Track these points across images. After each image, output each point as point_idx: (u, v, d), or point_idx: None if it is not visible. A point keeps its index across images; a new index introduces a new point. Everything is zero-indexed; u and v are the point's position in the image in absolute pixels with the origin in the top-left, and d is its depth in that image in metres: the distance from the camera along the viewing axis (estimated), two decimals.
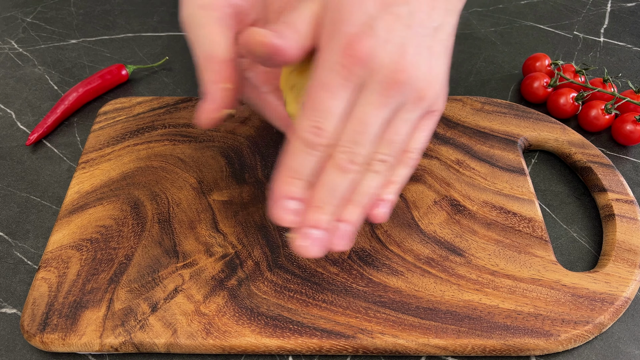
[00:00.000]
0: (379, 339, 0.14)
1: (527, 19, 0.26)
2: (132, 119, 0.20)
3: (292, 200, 0.11)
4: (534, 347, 0.14)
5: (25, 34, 0.25)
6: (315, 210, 0.11)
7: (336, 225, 0.12)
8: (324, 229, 0.12)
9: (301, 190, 0.11)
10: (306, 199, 0.12)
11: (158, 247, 0.16)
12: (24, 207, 0.18)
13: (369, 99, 0.11)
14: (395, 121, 0.11)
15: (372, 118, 0.11)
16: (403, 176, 0.12)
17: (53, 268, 0.16)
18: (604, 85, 0.21)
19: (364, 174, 0.12)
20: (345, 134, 0.11)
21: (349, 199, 0.12)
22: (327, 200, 0.11)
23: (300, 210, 0.11)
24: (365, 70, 0.10)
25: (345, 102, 0.11)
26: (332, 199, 0.11)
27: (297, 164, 0.11)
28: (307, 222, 0.11)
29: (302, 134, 0.11)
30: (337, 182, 0.11)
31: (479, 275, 0.15)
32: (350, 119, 0.11)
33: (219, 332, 0.14)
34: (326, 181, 0.11)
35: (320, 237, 0.11)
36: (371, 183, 0.12)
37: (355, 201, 0.12)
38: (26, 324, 0.14)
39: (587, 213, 0.18)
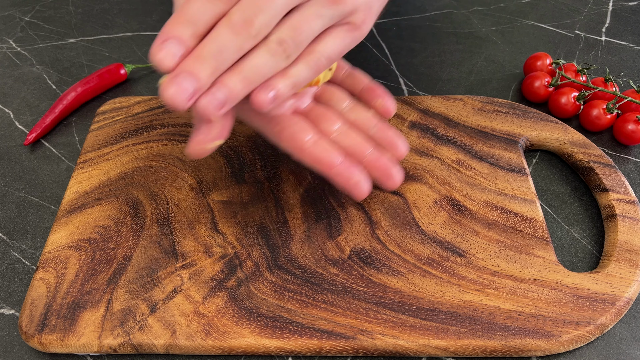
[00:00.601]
0: (379, 339, 0.14)
1: (528, 18, 0.26)
2: (130, 119, 0.20)
3: (177, 42, 0.10)
4: (535, 348, 0.14)
5: (24, 33, 0.25)
6: (195, 59, 0.11)
7: (213, 86, 0.11)
8: (199, 82, 0.11)
9: (188, 37, 0.11)
10: (190, 50, 0.11)
11: (157, 247, 0.16)
12: (22, 207, 0.18)
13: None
14: (305, 9, 0.11)
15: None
16: (302, 76, 0.11)
17: (51, 269, 0.15)
18: (606, 84, 0.21)
19: (256, 48, 0.11)
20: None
21: (233, 67, 0.11)
22: (210, 54, 0.11)
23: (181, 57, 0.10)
24: None
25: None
26: (216, 55, 0.11)
27: (193, 9, 0.11)
28: (183, 67, 0.11)
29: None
30: (225, 41, 0.10)
31: (479, 276, 0.15)
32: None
33: (219, 333, 0.14)
34: (214, 36, 0.11)
35: (190, 88, 0.10)
36: (262, 59, 0.11)
37: (240, 70, 0.11)
38: (24, 324, 0.14)
39: (588, 213, 0.18)
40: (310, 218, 0.17)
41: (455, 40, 0.24)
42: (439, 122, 0.20)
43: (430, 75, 0.23)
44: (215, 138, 0.12)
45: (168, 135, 0.19)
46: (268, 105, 0.11)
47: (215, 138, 0.12)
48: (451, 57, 0.23)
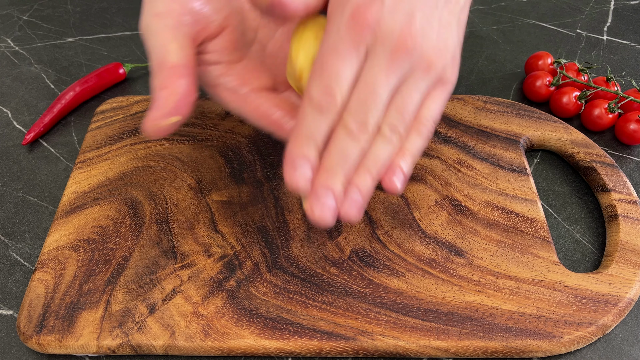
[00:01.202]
0: (379, 340, 0.14)
1: (530, 17, 0.26)
2: (129, 118, 0.20)
3: (306, 162, 0.11)
4: (537, 349, 0.14)
5: (22, 32, 0.25)
6: (327, 174, 0.11)
7: (348, 191, 0.12)
8: (336, 194, 0.11)
9: (314, 154, 0.11)
10: (317, 166, 0.11)
11: (156, 247, 0.16)
12: (20, 207, 0.18)
13: (377, 64, 0.11)
14: (404, 88, 0.11)
15: (380, 82, 0.11)
16: (417, 146, 0.12)
17: (50, 269, 0.15)
18: (607, 84, 0.21)
19: (374, 142, 0.12)
20: (354, 99, 0.11)
21: (359, 167, 0.12)
22: (337, 164, 0.11)
23: (312, 177, 0.11)
24: (372, 35, 0.11)
25: (354, 67, 0.11)
26: (342, 163, 0.11)
27: (309, 127, 0.11)
28: (319, 185, 0.11)
29: (313, 97, 0.11)
30: (347, 147, 0.11)
31: (480, 277, 0.15)
32: (359, 84, 0.11)
33: (218, 333, 0.14)
34: (336, 146, 0.11)
35: (332, 203, 0.12)
36: (382, 150, 0.12)
37: (366, 168, 0.12)
38: (22, 325, 0.14)
39: (590, 213, 0.18)
40: None
41: None
42: (439, 122, 0.20)
43: None
44: (171, 113, 0.12)
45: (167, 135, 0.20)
46: (402, 188, 0.12)
47: (172, 113, 0.12)
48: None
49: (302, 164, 0.11)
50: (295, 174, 0.11)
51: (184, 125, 0.20)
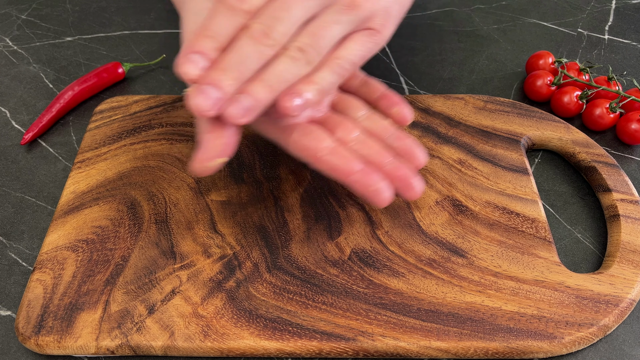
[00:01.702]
0: (379, 341, 0.14)
1: (531, 16, 0.26)
2: (128, 118, 0.20)
3: (202, 56, 0.11)
4: (538, 349, 0.14)
5: (20, 32, 0.25)
6: (218, 70, 0.11)
7: (237, 95, 0.11)
8: (222, 91, 0.11)
9: (211, 50, 0.11)
10: (214, 61, 0.11)
11: (155, 248, 0.16)
12: (18, 207, 0.18)
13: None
14: (321, 16, 0.11)
15: (296, 2, 0.11)
16: (326, 80, 0.12)
17: (48, 269, 0.15)
18: (609, 83, 0.21)
19: (278, 58, 0.11)
20: (265, 8, 0.11)
21: (256, 76, 0.11)
22: (233, 65, 0.11)
23: (205, 69, 0.11)
24: None
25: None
26: (238, 66, 0.11)
27: (214, 24, 0.11)
28: (207, 78, 0.11)
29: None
30: (247, 51, 0.11)
31: (481, 277, 0.15)
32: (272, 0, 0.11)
33: (217, 334, 0.14)
34: (236, 47, 0.11)
35: (216, 97, 0.11)
36: (284, 67, 0.11)
37: (263, 79, 0.11)
38: (21, 326, 0.14)
39: (591, 213, 0.18)
40: (310, 218, 0.17)
41: (456, 39, 0.24)
42: (440, 122, 0.20)
43: (431, 74, 0.22)
44: (219, 155, 0.12)
45: (166, 135, 0.19)
46: (295, 111, 0.12)
47: (219, 155, 0.12)
48: (452, 56, 0.23)
49: (197, 57, 0.11)
50: (187, 63, 0.11)
51: (183, 125, 0.20)
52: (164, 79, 0.23)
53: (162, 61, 0.23)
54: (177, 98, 0.21)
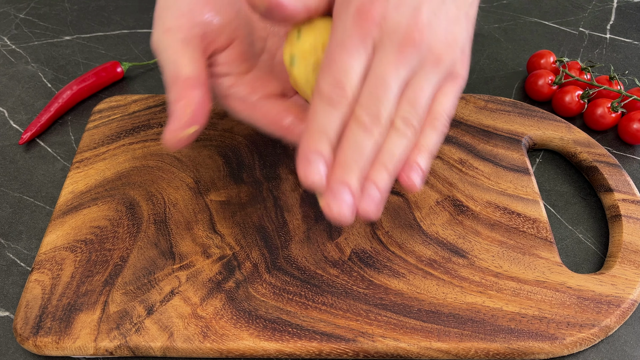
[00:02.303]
0: (380, 342, 0.14)
1: (532, 15, 0.25)
2: (127, 118, 0.20)
3: (319, 157, 0.11)
4: (539, 350, 0.14)
5: (18, 31, 0.25)
6: (342, 169, 0.11)
7: (365, 187, 0.12)
8: (353, 190, 0.11)
9: (327, 149, 0.11)
10: (332, 161, 0.11)
11: (154, 248, 0.16)
12: (16, 207, 0.18)
13: (385, 57, 0.11)
14: (414, 81, 0.11)
15: (390, 74, 0.11)
16: (432, 141, 0.12)
17: (46, 270, 0.15)
18: (610, 82, 0.21)
19: (388, 136, 0.12)
20: (364, 92, 0.11)
21: (375, 162, 0.12)
22: (352, 159, 0.11)
23: (327, 173, 0.11)
24: (379, 30, 0.11)
25: (362, 61, 0.11)
26: (357, 158, 0.11)
27: (321, 122, 0.11)
28: (335, 180, 0.11)
29: (323, 91, 0.11)
30: (361, 141, 0.11)
31: (482, 277, 0.15)
32: (369, 78, 0.11)
33: (217, 335, 0.14)
34: (349, 140, 0.11)
35: (349, 198, 0.11)
36: (396, 144, 0.12)
37: (382, 163, 0.12)
38: (19, 327, 0.14)
39: (592, 213, 0.17)
40: (309, 218, 0.16)
41: None
42: None
43: None
44: (190, 123, 0.12)
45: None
46: (420, 185, 0.12)
47: (191, 123, 0.12)
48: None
49: (315, 159, 0.11)
50: (310, 170, 0.11)
51: None
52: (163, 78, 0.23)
53: None
54: None
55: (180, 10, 0.12)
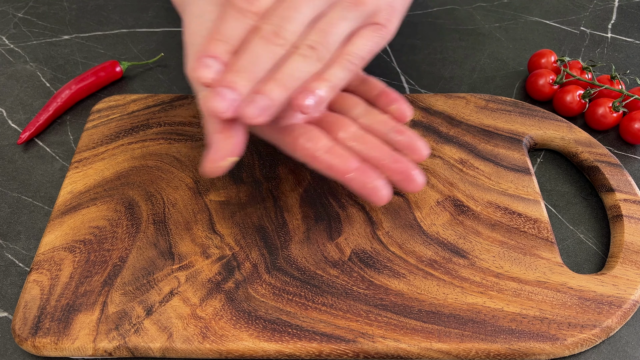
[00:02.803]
0: (380, 343, 0.14)
1: (533, 14, 0.25)
2: (126, 117, 0.20)
3: (215, 60, 0.11)
4: (540, 351, 0.14)
5: (17, 30, 0.25)
6: (232, 73, 0.11)
7: (252, 95, 0.11)
8: (237, 92, 0.11)
9: (224, 53, 0.11)
10: (227, 64, 0.12)
11: (153, 248, 0.16)
12: (15, 207, 0.18)
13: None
14: (329, 14, 0.12)
15: (304, 1, 0.11)
16: (338, 77, 0.12)
17: (45, 270, 0.15)
18: (612, 82, 0.20)
19: (289, 57, 0.12)
20: (273, 9, 0.11)
21: (269, 76, 0.12)
22: (247, 67, 0.11)
23: (220, 72, 0.11)
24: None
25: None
26: (252, 67, 0.11)
27: (225, 27, 0.11)
28: (223, 81, 0.11)
29: (235, 2, 0.11)
30: (260, 52, 0.11)
31: (483, 278, 0.15)
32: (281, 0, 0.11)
33: (216, 336, 0.14)
34: (248, 49, 0.11)
35: (232, 99, 0.11)
36: (296, 65, 0.12)
37: (278, 79, 0.11)
38: (18, 327, 0.14)
39: (594, 214, 0.17)
40: (309, 219, 0.16)
41: (457, 37, 0.24)
42: (441, 121, 0.19)
43: (432, 72, 0.22)
44: (229, 155, 0.12)
45: (164, 134, 0.19)
46: (309, 108, 0.12)
47: (229, 155, 0.12)
48: (454, 54, 0.23)
49: (211, 61, 0.11)
50: (202, 68, 0.11)
51: (181, 125, 0.19)
52: (162, 77, 0.23)
53: (160, 60, 0.23)
54: (175, 97, 0.21)
55: None
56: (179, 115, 0.20)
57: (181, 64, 0.23)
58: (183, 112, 0.20)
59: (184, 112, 0.20)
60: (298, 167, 0.18)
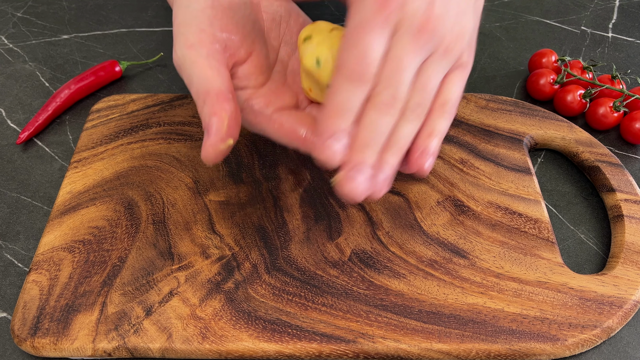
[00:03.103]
0: (380, 343, 0.14)
1: (533, 13, 0.25)
2: (125, 117, 0.20)
3: (343, 135, 0.12)
4: (540, 352, 0.14)
5: (16, 29, 0.25)
6: (360, 150, 0.12)
7: (379, 168, 0.12)
8: (368, 170, 0.12)
9: (349, 126, 0.12)
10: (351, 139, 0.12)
11: (153, 249, 0.16)
12: (14, 207, 0.18)
13: (404, 41, 0.11)
14: (425, 69, 0.12)
15: (408, 59, 0.12)
16: (441, 126, 0.13)
17: (44, 270, 0.15)
18: (613, 82, 0.20)
19: (401, 121, 0.12)
20: (385, 73, 0.12)
21: (388, 144, 0.12)
22: (370, 140, 0.12)
23: (347, 150, 0.12)
24: (398, 15, 0.11)
25: (382, 42, 0.11)
26: (375, 139, 0.12)
27: (343, 98, 0.12)
28: (353, 161, 0.12)
29: (346, 68, 0.11)
30: (379, 122, 0.12)
31: (483, 278, 0.15)
32: (388, 59, 0.12)
33: (216, 336, 0.14)
34: (368, 121, 0.12)
35: (366, 178, 0.12)
36: (407, 128, 0.12)
37: (394, 146, 0.12)
38: (17, 328, 0.14)
39: (595, 214, 0.17)
40: (309, 219, 0.16)
41: None
42: None
43: None
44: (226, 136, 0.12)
45: (164, 134, 0.19)
46: (429, 168, 0.13)
47: (227, 136, 0.12)
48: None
49: (339, 137, 0.12)
50: (332, 149, 0.12)
51: (181, 124, 0.19)
52: (161, 77, 0.23)
53: (160, 59, 0.23)
54: (175, 97, 0.20)
55: (200, 25, 0.13)
56: (179, 115, 0.20)
57: None
58: (182, 112, 0.20)
59: (183, 111, 0.20)
60: (298, 167, 0.18)
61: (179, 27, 0.13)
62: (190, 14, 0.13)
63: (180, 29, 0.13)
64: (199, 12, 0.13)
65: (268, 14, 0.14)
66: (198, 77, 0.12)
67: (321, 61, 0.13)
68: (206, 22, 0.13)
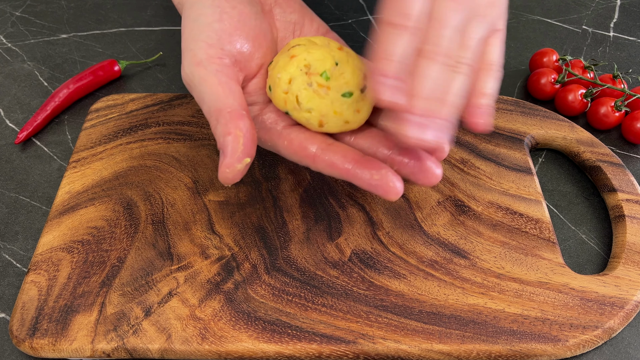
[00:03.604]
0: (380, 344, 0.14)
1: (534, 12, 0.25)
2: (124, 117, 0.20)
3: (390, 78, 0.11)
4: (541, 352, 0.14)
5: (14, 29, 0.24)
6: (412, 97, 0.11)
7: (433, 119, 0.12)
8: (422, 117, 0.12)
9: (396, 71, 0.12)
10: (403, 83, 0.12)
11: (152, 249, 0.16)
12: (12, 207, 0.18)
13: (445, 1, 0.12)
14: (466, 29, 0.12)
15: (450, 17, 0.12)
16: (494, 88, 0.13)
17: (43, 271, 0.15)
18: (614, 81, 0.20)
19: (451, 73, 0.12)
20: (429, 30, 0.12)
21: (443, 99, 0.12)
22: (424, 88, 0.11)
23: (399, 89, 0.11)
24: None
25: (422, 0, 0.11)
26: (428, 86, 0.11)
27: (389, 45, 0.11)
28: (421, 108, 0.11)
29: (389, 18, 0.11)
30: (430, 70, 0.11)
31: (484, 279, 0.15)
32: (432, 16, 0.12)
33: (215, 337, 0.14)
34: (420, 70, 0.12)
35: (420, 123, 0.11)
36: (459, 81, 0.12)
37: (447, 100, 0.12)
38: (15, 328, 0.14)
39: (596, 214, 0.17)
40: (309, 219, 0.16)
41: None
42: None
43: None
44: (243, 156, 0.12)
45: (163, 134, 0.19)
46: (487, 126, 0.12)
47: (244, 156, 0.12)
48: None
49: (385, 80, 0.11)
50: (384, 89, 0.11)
51: (180, 124, 0.19)
52: (160, 76, 0.22)
53: (159, 59, 0.23)
54: (174, 96, 0.20)
55: (208, 40, 0.12)
56: (178, 114, 0.20)
57: (180, 63, 0.22)
58: (182, 112, 0.20)
59: (182, 111, 0.20)
60: (298, 167, 0.18)
61: (186, 43, 0.13)
62: (198, 29, 0.12)
63: (188, 44, 0.13)
64: (206, 26, 0.12)
65: (281, 22, 0.14)
66: (209, 95, 0.12)
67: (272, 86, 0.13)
68: (214, 37, 0.12)
